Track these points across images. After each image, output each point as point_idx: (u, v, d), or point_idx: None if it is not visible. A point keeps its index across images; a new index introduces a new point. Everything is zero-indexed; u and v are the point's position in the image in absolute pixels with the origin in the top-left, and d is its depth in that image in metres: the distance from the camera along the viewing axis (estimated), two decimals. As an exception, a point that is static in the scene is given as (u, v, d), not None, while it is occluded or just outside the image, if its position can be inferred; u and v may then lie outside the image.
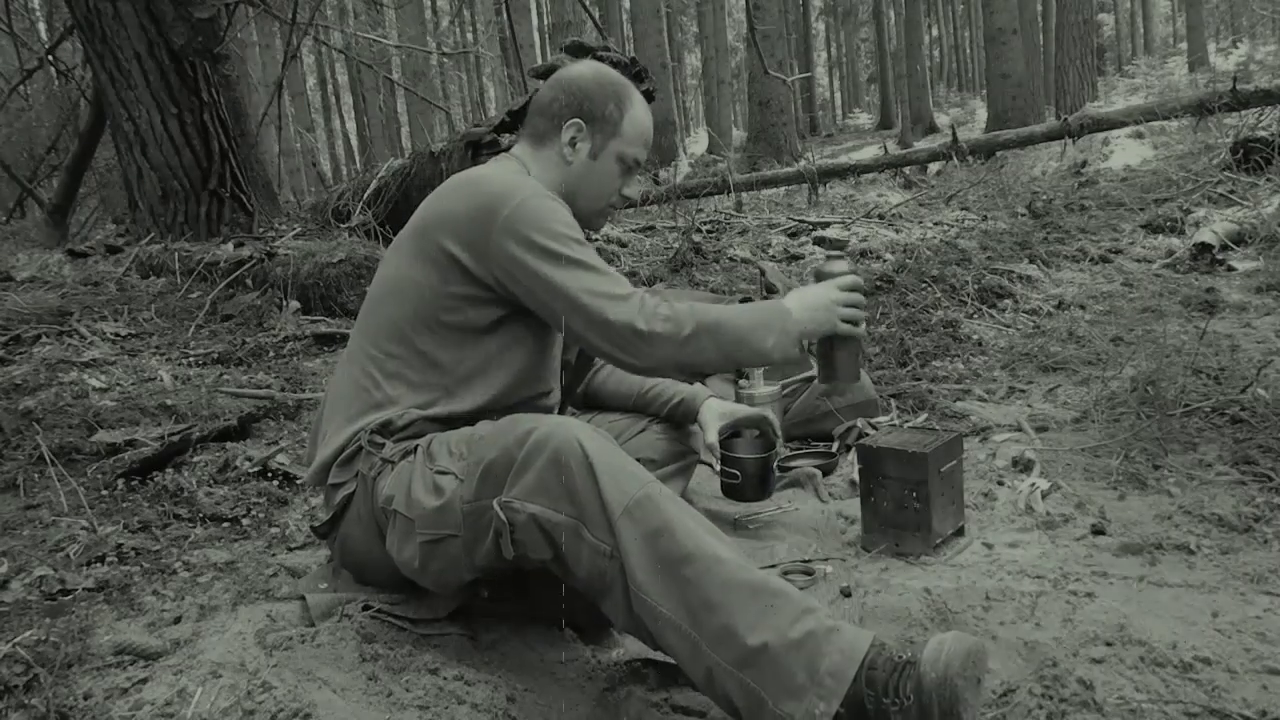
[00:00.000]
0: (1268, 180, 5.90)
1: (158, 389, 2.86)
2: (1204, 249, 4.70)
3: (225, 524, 2.11)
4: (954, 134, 8.30)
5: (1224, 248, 4.70)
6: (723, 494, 2.12)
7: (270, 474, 2.36)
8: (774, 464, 2.10)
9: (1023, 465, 2.30)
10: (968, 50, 40.13)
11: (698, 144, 24.82)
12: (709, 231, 6.16)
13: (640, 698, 1.46)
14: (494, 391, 1.56)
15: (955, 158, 8.13)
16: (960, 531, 1.96)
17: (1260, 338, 3.29)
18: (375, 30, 13.87)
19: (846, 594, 1.71)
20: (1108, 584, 1.65)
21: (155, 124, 4.68)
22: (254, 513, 2.18)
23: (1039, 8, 23.74)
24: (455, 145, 4.77)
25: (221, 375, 3.13)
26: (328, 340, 3.67)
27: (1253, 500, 1.94)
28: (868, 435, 2.47)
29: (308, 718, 1.27)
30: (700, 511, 1.36)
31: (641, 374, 1.59)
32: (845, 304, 1.60)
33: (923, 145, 12.51)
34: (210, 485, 2.28)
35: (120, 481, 2.24)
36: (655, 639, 1.28)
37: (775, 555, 1.97)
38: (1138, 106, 8.81)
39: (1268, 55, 20.01)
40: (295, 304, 3.95)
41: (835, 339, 1.64)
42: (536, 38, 24.00)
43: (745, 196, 7.58)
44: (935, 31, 39.79)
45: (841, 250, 1.69)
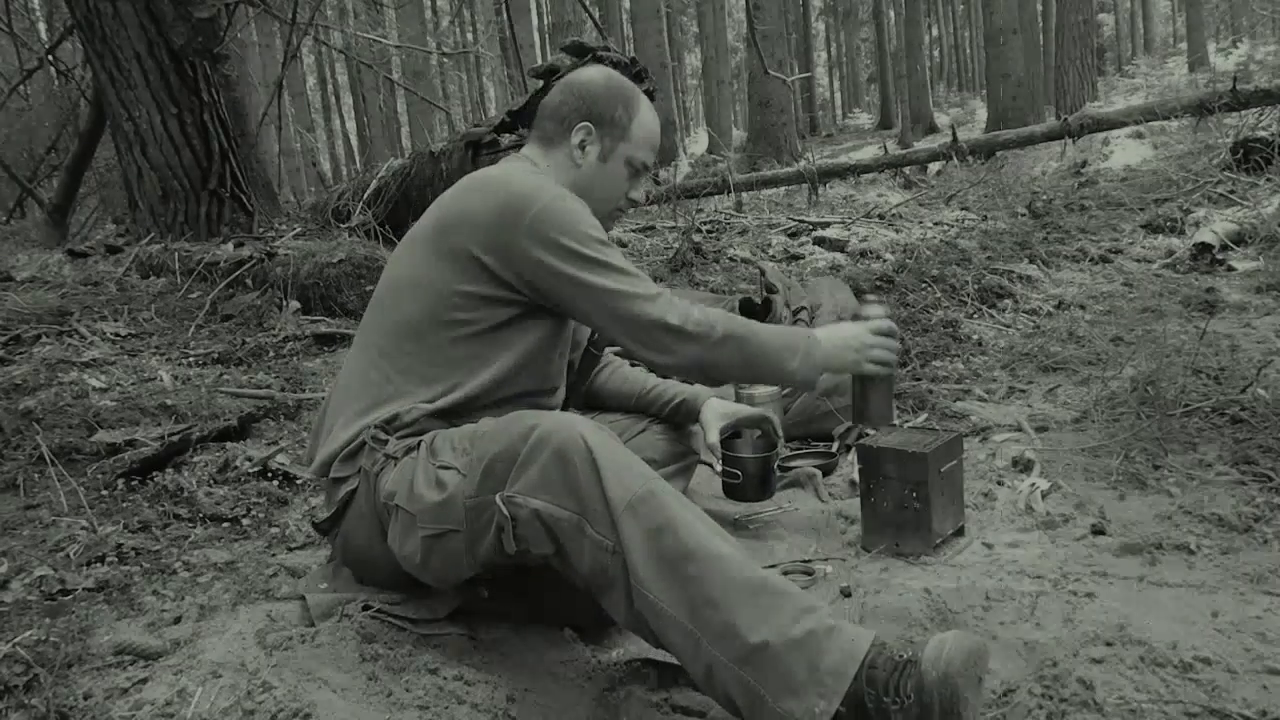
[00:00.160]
0: (1268, 180, 5.90)
1: (158, 389, 2.86)
2: (1204, 249, 4.70)
3: (225, 524, 2.11)
4: (954, 134, 8.30)
5: (1224, 248, 4.70)
6: (723, 494, 2.12)
7: (270, 474, 2.36)
8: (775, 464, 2.10)
9: (1023, 465, 2.30)
10: (968, 50, 40.14)
11: (698, 144, 24.80)
12: (709, 231, 6.15)
13: (640, 698, 1.46)
14: (504, 390, 1.57)
15: (955, 158, 8.12)
16: (960, 531, 1.96)
17: (1260, 338, 3.29)
18: (375, 30, 13.86)
19: (846, 594, 1.71)
20: (1108, 584, 1.65)
21: (155, 124, 4.67)
22: (254, 513, 2.18)
23: (1039, 8, 23.72)
24: (455, 145, 4.77)
25: (221, 375, 3.13)
26: (328, 340, 3.67)
27: (1253, 500, 1.94)
28: (868, 435, 2.47)
29: (308, 718, 1.27)
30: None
31: (667, 372, 1.61)
32: (875, 346, 1.67)
33: (923, 145, 12.51)
34: (210, 485, 2.28)
35: (120, 481, 2.24)
36: (656, 636, 1.28)
37: (775, 555, 1.98)
38: (1138, 106, 8.81)
39: (1268, 55, 20.00)
40: (295, 304, 3.95)
41: (866, 379, 1.72)
42: (536, 38, 23.99)
43: (745, 196, 7.57)
44: (935, 31, 39.81)
45: (880, 297, 1.80)
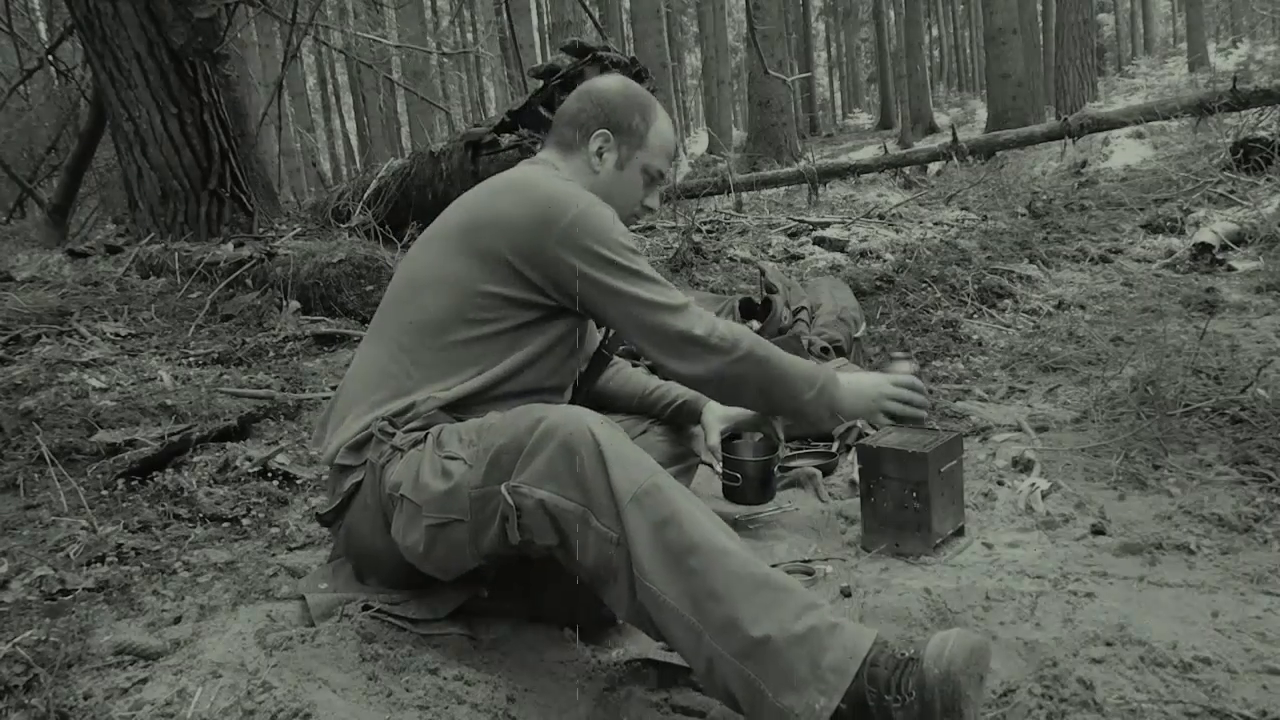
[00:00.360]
0: (1268, 180, 5.90)
1: (158, 389, 2.86)
2: (1204, 249, 4.70)
3: (225, 524, 2.11)
4: (954, 134, 8.30)
5: (1224, 248, 4.70)
6: (724, 496, 2.12)
7: (270, 474, 2.36)
8: (775, 467, 2.10)
9: (1023, 465, 2.30)
10: (968, 50, 40.13)
11: (698, 144, 24.77)
12: (709, 231, 6.14)
13: (640, 698, 1.46)
14: (512, 385, 1.58)
15: (955, 158, 8.12)
16: (960, 531, 1.96)
17: (1260, 338, 3.29)
18: (375, 30, 13.86)
19: (846, 594, 1.71)
20: (1108, 584, 1.65)
21: (155, 124, 4.68)
22: (254, 513, 2.18)
23: (1039, 8, 23.73)
24: (455, 145, 4.77)
25: (221, 375, 3.13)
26: (328, 340, 3.67)
27: (1253, 500, 1.94)
28: (868, 435, 2.47)
29: (308, 718, 1.27)
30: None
31: (686, 383, 1.63)
32: (893, 398, 1.76)
33: (923, 145, 12.51)
34: (210, 485, 2.27)
35: (120, 481, 2.24)
36: (658, 628, 1.28)
37: (775, 555, 1.97)
38: (1138, 106, 8.81)
39: (1268, 55, 20.00)
40: (295, 304, 3.95)
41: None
42: (536, 38, 24.00)
43: (745, 196, 7.57)
44: (935, 31, 39.81)
45: (908, 353, 1.83)
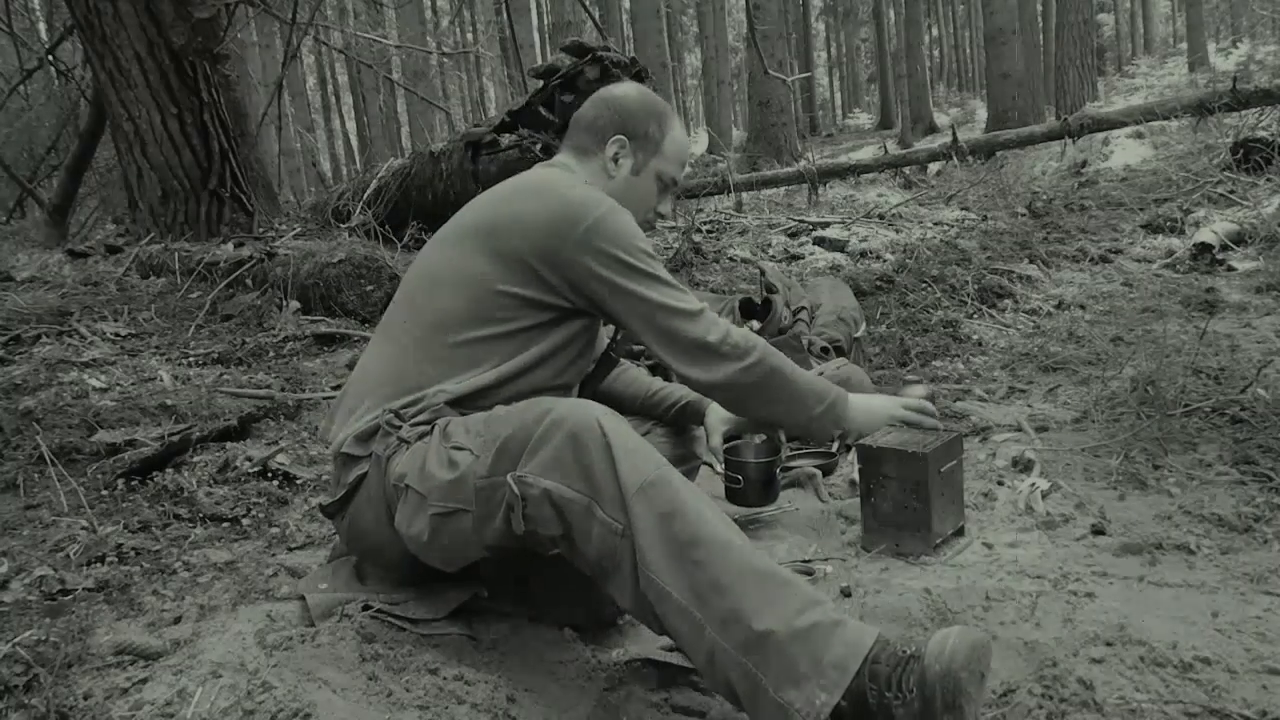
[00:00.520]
0: (1268, 180, 5.90)
1: (158, 389, 2.86)
2: (1204, 249, 4.70)
3: (225, 524, 2.12)
4: (954, 134, 8.30)
5: (1224, 248, 4.71)
6: (726, 498, 2.12)
7: (270, 474, 2.36)
8: (777, 470, 2.10)
9: (1023, 465, 2.30)
10: (968, 50, 40.13)
11: (698, 144, 24.77)
12: (709, 231, 6.15)
13: (640, 698, 1.46)
14: (520, 383, 1.58)
15: (955, 158, 8.12)
16: (960, 531, 1.96)
17: (1260, 338, 3.29)
18: (375, 30, 13.87)
19: (846, 594, 1.71)
20: (1108, 584, 1.65)
21: (155, 124, 4.68)
22: (254, 513, 2.18)
23: (1039, 8, 23.71)
24: (455, 145, 4.77)
25: (221, 375, 3.13)
26: (328, 340, 3.67)
27: (1253, 500, 1.94)
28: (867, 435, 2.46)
29: (308, 718, 1.27)
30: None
31: (701, 389, 1.64)
32: (905, 421, 1.84)
33: (923, 145, 12.51)
34: (210, 485, 2.28)
35: (120, 481, 2.24)
36: (660, 620, 1.28)
37: (775, 555, 1.97)
38: (1138, 106, 8.81)
39: (1268, 55, 19.98)
40: (295, 304, 3.95)
41: None
42: (536, 38, 24.02)
43: (745, 196, 7.57)
44: (935, 31, 39.80)
45: (921, 378, 1.87)
